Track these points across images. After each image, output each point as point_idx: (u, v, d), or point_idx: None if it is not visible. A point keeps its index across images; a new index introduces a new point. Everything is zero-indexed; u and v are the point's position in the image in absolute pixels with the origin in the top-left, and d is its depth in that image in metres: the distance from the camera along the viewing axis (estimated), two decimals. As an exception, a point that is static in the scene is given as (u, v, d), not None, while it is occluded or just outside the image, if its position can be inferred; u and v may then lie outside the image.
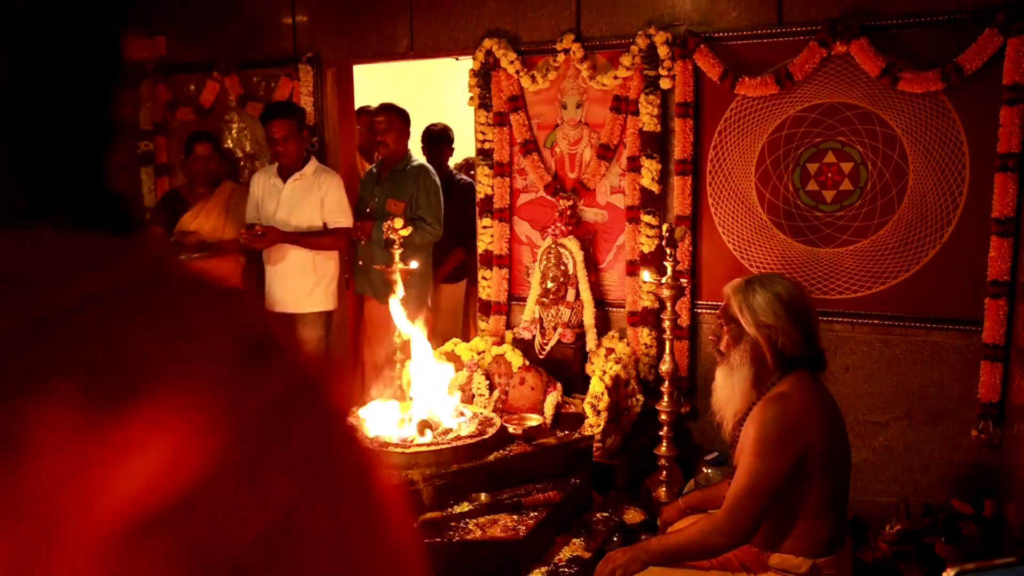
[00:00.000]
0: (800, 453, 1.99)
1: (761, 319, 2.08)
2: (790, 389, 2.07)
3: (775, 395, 2.07)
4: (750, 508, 1.99)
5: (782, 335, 2.07)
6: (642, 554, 2.08)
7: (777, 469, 1.98)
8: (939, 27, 3.08)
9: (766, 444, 1.99)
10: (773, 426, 2.00)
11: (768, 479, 1.99)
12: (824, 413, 2.07)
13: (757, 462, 1.99)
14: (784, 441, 1.99)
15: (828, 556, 2.05)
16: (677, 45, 3.46)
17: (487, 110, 3.94)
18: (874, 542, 2.96)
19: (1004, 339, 3.05)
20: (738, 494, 2.01)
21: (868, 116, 3.24)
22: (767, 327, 2.08)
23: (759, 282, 2.14)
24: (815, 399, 2.07)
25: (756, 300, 2.10)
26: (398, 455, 2.59)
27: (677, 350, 3.45)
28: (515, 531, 2.42)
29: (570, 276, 3.74)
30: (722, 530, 2.01)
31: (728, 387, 2.18)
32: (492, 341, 3.79)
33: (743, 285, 2.15)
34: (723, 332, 2.20)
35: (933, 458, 3.28)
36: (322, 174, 4.06)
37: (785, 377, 2.10)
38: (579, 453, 2.92)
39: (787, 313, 2.07)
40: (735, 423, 2.19)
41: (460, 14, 3.97)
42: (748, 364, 2.12)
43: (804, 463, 2.00)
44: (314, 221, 3.98)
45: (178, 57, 4.75)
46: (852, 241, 3.32)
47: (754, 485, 1.99)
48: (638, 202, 3.63)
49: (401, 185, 4.08)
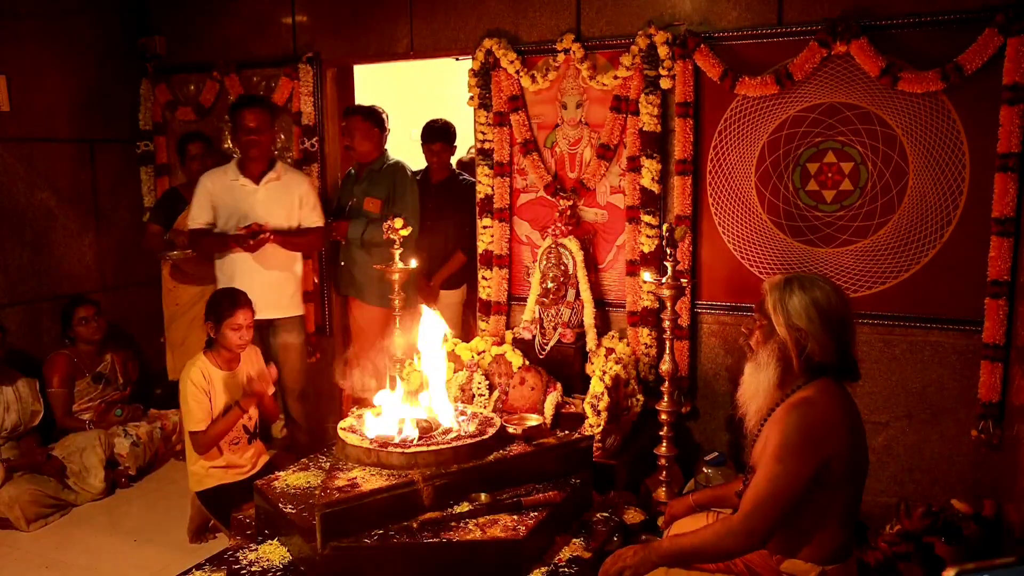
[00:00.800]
0: (823, 461, 1.95)
1: (793, 321, 2.03)
2: (815, 395, 2.03)
3: (799, 400, 2.03)
4: (768, 514, 1.96)
5: (812, 340, 2.02)
6: (652, 555, 2.06)
7: (799, 475, 1.95)
8: (939, 27, 3.08)
9: (788, 450, 1.95)
10: (796, 432, 1.96)
11: (789, 486, 1.95)
12: (848, 421, 2.03)
13: (779, 468, 1.95)
14: (807, 448, 1.95)
15: (837, 564, 2.03)
16: (677, 45, 3.46)
17: (487, 110, 3.94)
18: (874, 542, 2.96)
19: (1004, 339, 3.04)
20: (757, 499, 1.97)
21: (868, 116, 3.24)
22: (798, 330, 2.03)
23: (799, 283, 2.07)
24: (840, 407, 2.03)
25: (792, 301, 2.04)
26: (398, 455, 2.59)
27: (677, 350, 3.45)
28: (515, 531, 2.42)
29: (570, 276, 3.74)
30: (738, 534, 1.98)
31: (754, 384, 2.13)
32: (492, 341, 3.79)
33: (782, 283, 2.09)
34: (755, 327, 2.15)
35: (933, 458, 3.28)
36: (295, 174, 4.02)
37: (811, 382, 2.05)
38: (579, 453, 2.92)
39: (821, 319, 2.01)
40: (757, 420, 2.15)
41: (460, 14, 3.97)
42: (775, 364, 2.08)
43: (826, 471, 1.96)
44: (290, 222, 3.91)
45: (178, 57, 4.76)
46: (852, 241, 3.32)
47: (775, 491, 1.95)
48: (638, 202, 3.63)
49: (378, 184, 4.07)
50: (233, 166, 3.92)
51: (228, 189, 3.87)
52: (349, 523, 2.37)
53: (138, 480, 4.16)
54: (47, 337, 4.38)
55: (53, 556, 3.51)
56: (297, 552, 2.48)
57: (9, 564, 3.46)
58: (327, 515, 2.32)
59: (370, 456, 2.63)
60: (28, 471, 3.84)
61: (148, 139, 4.85)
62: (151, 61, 4.77)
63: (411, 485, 2.48)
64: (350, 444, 2.70)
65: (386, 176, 4.08)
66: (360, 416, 2.95)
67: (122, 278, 4.85)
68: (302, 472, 2.81)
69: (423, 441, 2.67)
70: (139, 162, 4.87)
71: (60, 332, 4.29)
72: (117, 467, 4.07)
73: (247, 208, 3.84)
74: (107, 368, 4.33)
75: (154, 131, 4.84)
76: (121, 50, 4.75)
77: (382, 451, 2.62)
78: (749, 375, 2.16)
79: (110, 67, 4.72)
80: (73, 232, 4.59)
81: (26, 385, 4.04)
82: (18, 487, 3.74)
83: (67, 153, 4.56)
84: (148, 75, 4.78)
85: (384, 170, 4.10)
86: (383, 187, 4.07)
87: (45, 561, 3.47)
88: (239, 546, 2.60)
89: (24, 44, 4.31)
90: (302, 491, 2.64)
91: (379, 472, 2.57)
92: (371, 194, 4.07)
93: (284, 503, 2.56)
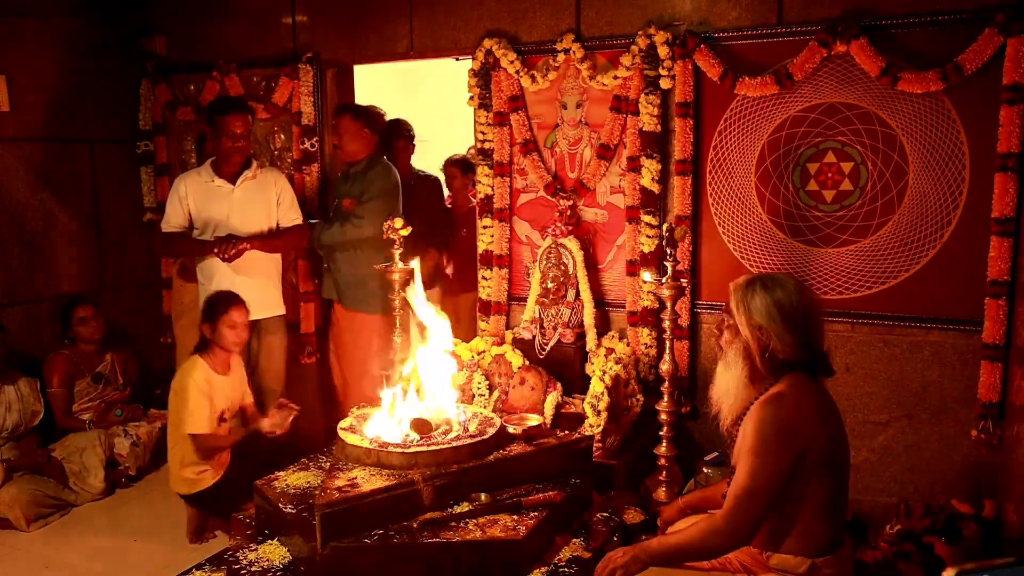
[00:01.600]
0: (798, 453, 2.00)
1: (755, 320, 2.08)
2: (787, 390, 2.07)
3: (772, 395, 2.08)
4: (750, 509, 2.00)
5: (775, 338, 2.07)
6: (642, 554, 2.08)
7: (776, 469, 1.99)
8: (939, 27, 3.08)
9: (764, 444, 2.00)
10: (770, 426, 2.01)
11: (767, 480, 1.99)
12: (821, 413, 2.07)
13: (756, 463, 2.00)
14: (782, 441, 2.00)
15: (828, 556, 2.05)
16: (677, 45, 3.46)
17: (487, 110, 3.94)
18: (874, 542, 2.96)
19: (1004, 339, 3.04)
20: (737, 495, 2.01)
21: (868, 116, 3.24)
22: (760, 329, 2.08)
23: (761, 283, 2.12)
24: (811, 400, 2.07)
25: (754, 301, 2.09)
26: (398, 455, 2.59)
27: (677, 350, 3.45)
28: (515, 531, 2.42)
29: (570, 276, 3.74)
30: (722, 531, 2.02)
31: (724, 382, 2.19)
32: (492, 341, 3.79)
33: (744, 284, 2.15)
34: (724, 327, 2.21)
35: (933, 458, 3.28)
36: (270, 172, 3.97)
37: (783, 378, 2.10)
38: (579, 453, 2.92)
39: (783, 318, 2.06)
40: (732, 420, 2.20)
41: (460, 14, 3.97)
42: (742, 362, 2.13)
43: (802, 463, 2.00)
44: (269, 222, 3.87)
45: (178, 57, 4.76)
46: (852, 241, 3.32)
47: (753, 486, 1.99)
48: (638, 202, 3.63)
49: (359, 184, 3.99)
50: (208, 168, 3.85)
51: (204, 191, 3.80)
52: (349, 523, 2.37)
53: (138, 480, 4.15)
54: (47, 337, 4.38)
55: (53, 556, 3.51)
56: (297, 552, 2.48)
57: (9, 564, 3.46)
58: (327, 515, 2.32)
59: (370, 456, 2.63)
60: (28, 471, 3.84)
61: (148, 139, 4.84)
62: (151, 61, 4.77)
63: (411, 485, 2.48)
64: (350, 444, 2.70)
65: (367, 176, 3.98)
66: (360, 416, 2.95)
67: (122, 278, 4.85)
68: (302, 472, 2.81)
69: (423, 441, 2.67)
70: (139, 162, 4.87)
71: (60, 332, 4.29)
72: (117, 467, 4.07)
73: (225, 209, 3.79)
74: (107, 368, 4.33)
75: (154, 131, 4.84)
76: (121, 50, 4.75)
77: (382, 451, 2.61)
78: (720, 374, 2.22)
79: (110, 67, 4.72)
80: (73, 232, 4.58)
81: (27, 385, 4.04)
82: (18, 487, 3.74)
83: (67, 153, 4.56)
84: (148, 75, 4.78)
85: (364, 170, 4.00)
86: (360, 187, 3.98)
87: (45, 561, 3.47)
88: (239, 546, 2.60)
89: (24, 44, 4.31)
90: (302, 491, 2.65)
91: (379, 472, 2.57)
92: (351, 194, 3.99)
93: (284, 503, 2.56)
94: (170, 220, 3.83)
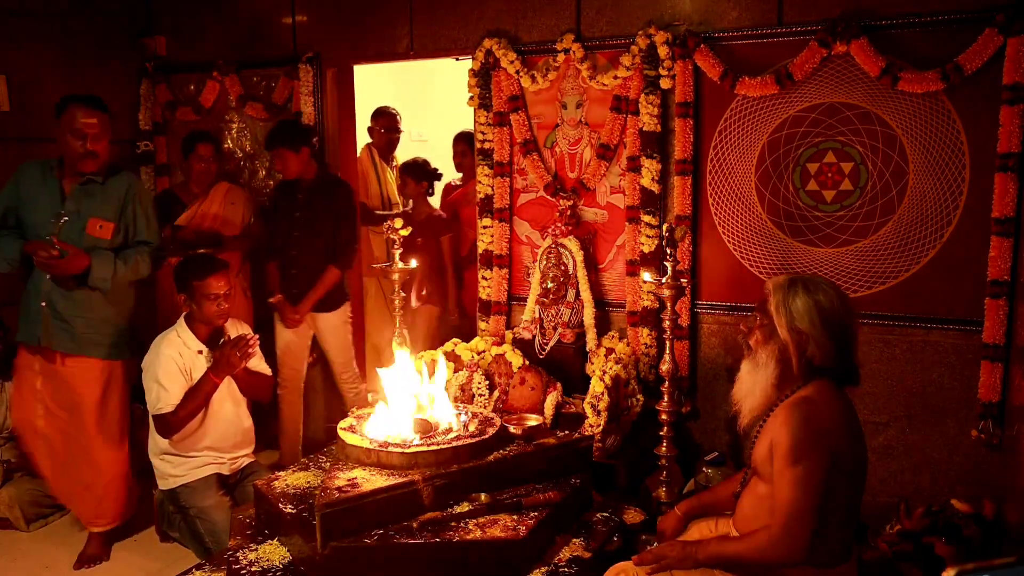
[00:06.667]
0: (832, 457, 1.94)
1: (796, 324, 2.03)
2: (815, 394, 2.02)
3: (799, 399, 2.03)
4: (807, 519, 1.93)
5: (813, 343, 2.02)
6: (698, 554, 2.06)
7: (822, 469, 1.93)
8: (939, 27, 3.08)
9: (802, 449, 1.93)
10: (804, 430, 1.95)
11: (817, 483, 1.93)
12: (847, 421, 2.03)
13: (800, 469, 1.93)
14: (819, 441, 1.94)
15: (838, 567, 2.02)
16: (677, 45, 3.46)
17: (487, 110, 3.94)
18: (874, 542, 2.96)
19: (1004, 339, 3.05)
20: (791, 506, 1.93)
21: (868, 116, 3.24)
22: (799, 333, 2.03)
23: (803, 285, 2.06)
24: (839, 407, 2.03)
25: (795, 303, 2.03)
26: (398, 455, 2.59)
27: (677, 350, 3.45)
28: (515, 531, 2.42)
29: (570, 276, 3.74)
30: (781, 543, 1.94)
31: (750, 382, 2.13)
32: (492, 341, 3.79)
33: (786, 284, 2.08)
34: (755, 326, 2.15)
35: (933, 458, 3.28)
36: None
37: (809, 383, 2.06)
38: (579, 453, 2.92)
39: (823, 323, 2.01)
40: (752, 419, 2.15)
41: (460, 14, 3.97)
42: (774, 364, 2.07)
43: (834, 469, 1.95)
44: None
45: (178, 57, 4.76)
46: (852, 241, 3.32)
47: (805, 494, 1.92)
48: (638, 202, 3.63)
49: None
50: (185, 328, 3.38)
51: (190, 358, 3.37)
52: (349, 523, 2.37)
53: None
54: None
55: (53, 556, 3.51)
56: (297, 552, 2.48)
57: (9, 564, 3.46)
58: (327, 515, 2.32)
59: (370, 456, 2.63)
60: (28, 472, 3.84)
61: (148, 139, 4.84)
62: (151, 61, 4.77)
63: (411, 485, 2.48)
64: (350, 444, 2.70)
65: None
66: (360, 416, 2.95)
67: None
68: (302, 472, 2.81)
69: (423, 441, 2.67)
70: (139, 162, 4.87)
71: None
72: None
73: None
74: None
75: (154, 131, 4.84)
76: (121, 50, 4.75)
77: (382, 451, 2.61)
78: (746, 373, 2.16)
79: (110, 67, 4.71)
80: (73, 232, 4.57)
81: (26, 385, 4.03)
82: (18, 487, 3.74)
83: (67, 153, 4.55)
84: (148, 75, 4.78)
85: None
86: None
87: (45, 561, 3.47)
88: (239, 546, 2.60)
89: (24, 44, 4.30)
90: (302, 491, 2.64)
91: (379, 472, 2.57)
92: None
93: (284, 503, 2.56)
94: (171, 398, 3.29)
